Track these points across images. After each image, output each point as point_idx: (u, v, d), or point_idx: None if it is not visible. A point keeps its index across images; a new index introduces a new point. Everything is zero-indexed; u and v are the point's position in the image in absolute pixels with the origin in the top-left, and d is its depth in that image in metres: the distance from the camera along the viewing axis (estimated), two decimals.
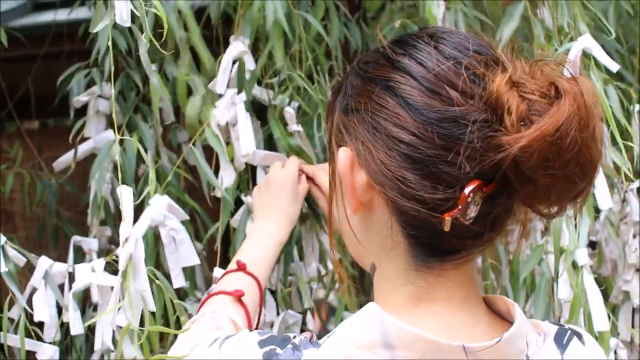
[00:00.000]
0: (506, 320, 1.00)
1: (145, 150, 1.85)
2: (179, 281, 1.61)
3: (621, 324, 1.83)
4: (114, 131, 1.73)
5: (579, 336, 1.04)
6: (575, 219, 1.56)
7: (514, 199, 0.94)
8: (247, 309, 1.34)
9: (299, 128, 1.77)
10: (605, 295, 1.86)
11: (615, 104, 1.66)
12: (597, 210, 1.74)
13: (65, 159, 1.89)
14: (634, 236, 1.78)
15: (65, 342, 1.70)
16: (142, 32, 1.46)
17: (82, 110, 1.89)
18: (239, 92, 1.71)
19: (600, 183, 1.61)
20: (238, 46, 1.71)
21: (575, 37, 1.62)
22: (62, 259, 1.62)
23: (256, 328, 1.39)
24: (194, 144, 1.69)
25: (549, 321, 1.05)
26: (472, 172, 0.90)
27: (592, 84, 0.93)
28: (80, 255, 1.78)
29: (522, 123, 0.89)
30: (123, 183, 1.76)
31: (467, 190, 0.90)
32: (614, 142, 1.59)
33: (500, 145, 0.89)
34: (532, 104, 0.90)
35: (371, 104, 0.96)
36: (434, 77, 0.93)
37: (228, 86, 1.72)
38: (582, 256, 1.57)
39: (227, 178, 1.67)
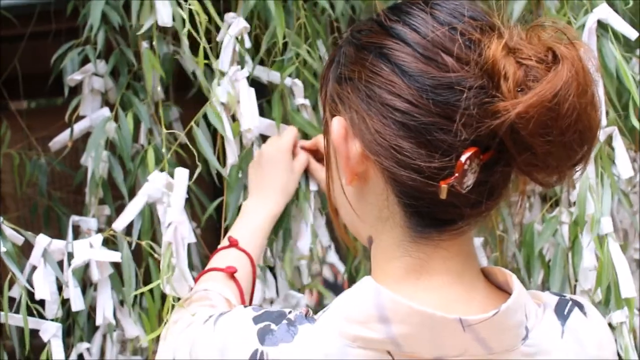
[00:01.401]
0: (505, 291, 0.99)
1: (138, 128, 1.86)
2: None
3: None
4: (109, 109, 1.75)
5: (581, 307, 1.03)
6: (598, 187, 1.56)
7: (511, 167, 0.92)
8: (240, 286, 1.34)
9: (306, 101, 1.76)
10: None
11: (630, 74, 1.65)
12: None
13: (61, 139, 1.85)
14: None
15: (68, 320, 1.70)
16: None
17: (72, 90, 1.86)
18: (242, 68, 1.70)
19: (620, 150, 1.61)
20: (240, 23, 1.69)
21: (590, 9, 1.61)
22: (56, 239, 1.61)
23: (250, 304, 1.38)
24: (196, 123, 1.67)
25: (549, 292, 1.05)
26: (469, 139, 0.89)
27: (590, 49, 0.92)
28: (78, 235, 1.74)
29: (519, 89, 0.88)
30: (120, 160, 1.76)
31: (463, 158, 0.89)
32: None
33: (497, 111, 0.87)
34: (529, 69, 0.88)
35: (365, 72, 0.94)
36: (428, 43, 0.92)
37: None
38: (607, 224, 1.57)
39: (230, 155, 1.66)
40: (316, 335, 0.93)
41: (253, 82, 1.75)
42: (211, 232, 1.90)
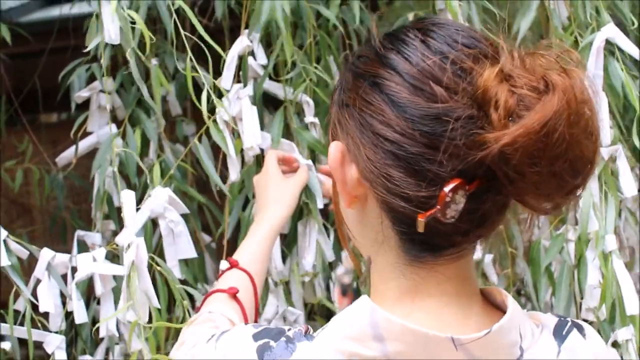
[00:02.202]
0: (502, 311, 0.98)
1: (148, 144, 1.88)
2: (176, 272, 1.65)
3: None
4: (115, 126, 1.77)
5: (580, 328, 1.02)
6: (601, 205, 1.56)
7: (503, 195, 0.91)
8: (242, 305, 1.35)
9: (315, 120, 1.77)
10: None
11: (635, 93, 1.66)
12: None
13: (68, 154, 1.88)
14: None
15: (71, 333, 1.73)
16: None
17: (86, 105, 1.89)
18: (245, 86, 1.72)
19: (624, 169, 1.61)
20: (243, 41, 1.72)
21: (596, 28, 1.62)
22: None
23: (255, 321, 1.41)
24: (199, 139, 1.69)
25: (551, 313, 1.03)
26: (455, 169, 0.89)
27: (586, 77, 0.90)
28: (85, 250, 1.76)
29: (510, 118, 0.86)
30: (125, 177, 1.78)
31: (446, 189, 0.88)
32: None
33: (484, 142, 0.86)
34: (522, 98, 0.87)
35: (359, 100, 0.95)
36: (418, 73, 0.91)
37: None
38: (611, 242, 1.57)
39: (233, 173, 1.68)
40: (314, 352, 0.93)
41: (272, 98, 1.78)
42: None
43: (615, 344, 1.60)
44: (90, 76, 1.89)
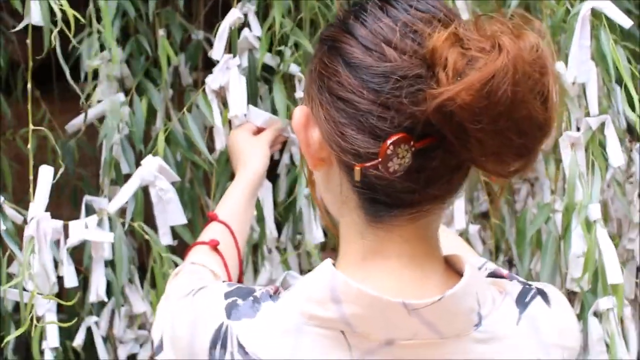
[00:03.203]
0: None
1: (155, 112, 1.92)
2: (167, 239, 1.71)
3: (625, 282, 1.81)
4: (124, 95, 1.82)
5: (544, 295, 1.03)
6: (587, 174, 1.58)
7: (454, 156, 0.93)
8: (223, 257, 1.38)
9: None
10: None
11: (624, 63, 1.66)
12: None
13: (77, 122, 1.93)
14: (639, 196, 1.77)
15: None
16: None
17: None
18: (234, 56, 1.75)
19: (611, 139, 1.62)
20: (235, 13, 1.75)
21: None
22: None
23: (240, 273, 1.43)
24: (188, 110, 1.72)
25: (517, 280, 1.05)
26: (401, 126, 0.91)
27: (537, 39, 0.91)
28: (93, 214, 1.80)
29: (458, 78, 0.88)
30: (131, 144, 1.83)
31: (388, 142, 0.90)
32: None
33: (426, 98, 0.89)
34: (471, 59, 0.89)
35: (320, 64, 0.99)
36: (370, 35, 0.95)
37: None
38: (595, 211, 1.59)
39: (218, 142, 1.72)
40: (276, 312, 0.97)
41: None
42: None
43: (596, 313, 1.62)
44: (100, 45, 1.92)
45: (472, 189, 1.85)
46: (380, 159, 0.91)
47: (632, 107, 1.61)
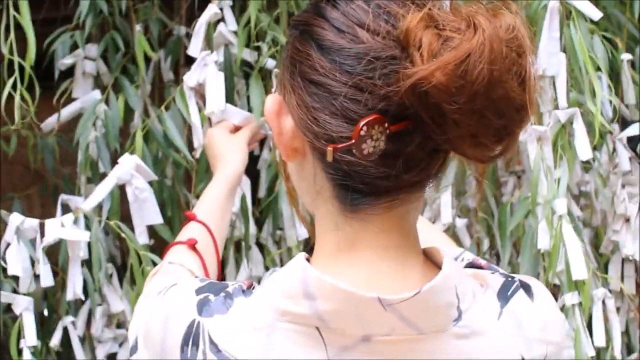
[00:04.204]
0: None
1: (132, 109, 1.90)
2: (143, 238, 1.69)
3: (611, 274, 1.82)
4: (100, 92, 1.80)
5: (527, 288, 1.00)
6: (555, 167, 1.56)
7: (431, 140, 0.91)
8: (202, 256, 1.37)
9: None
10: (596, 246, 1.86)
11: (601, 54, 1.65)
12: (588, 162, 1.74)
13: (52, 120, 1.92)
14: (623, 186, 1.76)
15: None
16: None
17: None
18: (212, 52, 1.74)
19: (580, 132, 1.60)
20: (212, 9, 1.74)
21: None
22: None
23: (218, 272, 1.42)
24: (166, 108, 1.71)
25: (499, 273, 1.03)
26: (375, 108, 0.89)
27: (514, 19, 0.89)
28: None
29: (433, 59, 0.86)
30: (107, 141, 1.81)
31: (361, 123, 0.88)
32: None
33: (400, 79, 0.87)
34: (447, 40, 0.87)
35: (292, 50, 0.96)
36: (343, 17, 0.93)
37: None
38: (561, 206, 1.57)
39: (196, 140, 1.71)
40: (248, 308, 0.95)
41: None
42: None
43: (562, 309, 1.59)
44: (75, 44, 1.91)
45: (459, 183, 1.84)
46: (353, 141, 0.88)
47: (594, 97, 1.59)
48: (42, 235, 1.64)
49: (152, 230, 1.76)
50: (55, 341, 1.80)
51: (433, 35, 0.87)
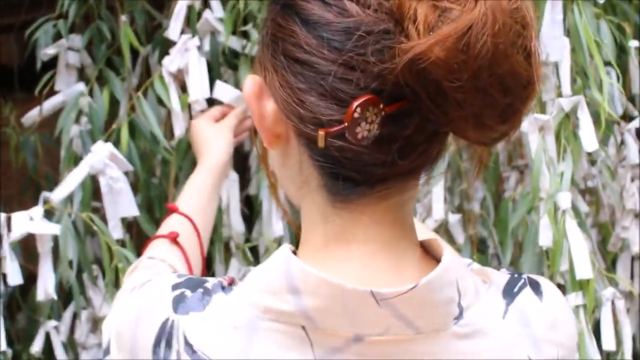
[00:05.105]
0: None
1: (117, 102, 1.84)
2: (117, 232, 1.63)
3: (620, 273, 1.76)
4: (84, 84, 1.75)
5: (535, 286, 0.95)
6: (558, 161, 1.50)
7: (431, 121, 0.84)
8: (184, 249, 1.32)
9: None
10: (604, 243, 1.79)
11: (608, 39, 1.59)
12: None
13: (33, 114, 1.86)
14: (632, 180, 1.71)
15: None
16: None
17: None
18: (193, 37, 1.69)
19: (585, 122, 1.53)
20: None
21: None
22: None
23: (203, 267, 1.38)
24: (144, 94, 1.66)
25: (506, 270, 0.97)
26: (369, 87, 0.82)
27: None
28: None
29: (430, 32, 0.80)
30: (92, 135, 1.75)
31: (355, 104, 0.82)
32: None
33: (394, 56, 0.81)
34: (444, 11, 0.80)
35: (273, 26, 0.89)
36: None
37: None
38: (565, 200, 1.50)
39: (177, 128, 1.66)
40: (227, 305, 0.88)
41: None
42: None
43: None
44: (58, 33, 1.86)
45: (452, 177, 1.78)
46: (346, 124, 0.82)
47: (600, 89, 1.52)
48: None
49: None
50: (36, 347, 1.73)
51: (429, 6, 0.81)
